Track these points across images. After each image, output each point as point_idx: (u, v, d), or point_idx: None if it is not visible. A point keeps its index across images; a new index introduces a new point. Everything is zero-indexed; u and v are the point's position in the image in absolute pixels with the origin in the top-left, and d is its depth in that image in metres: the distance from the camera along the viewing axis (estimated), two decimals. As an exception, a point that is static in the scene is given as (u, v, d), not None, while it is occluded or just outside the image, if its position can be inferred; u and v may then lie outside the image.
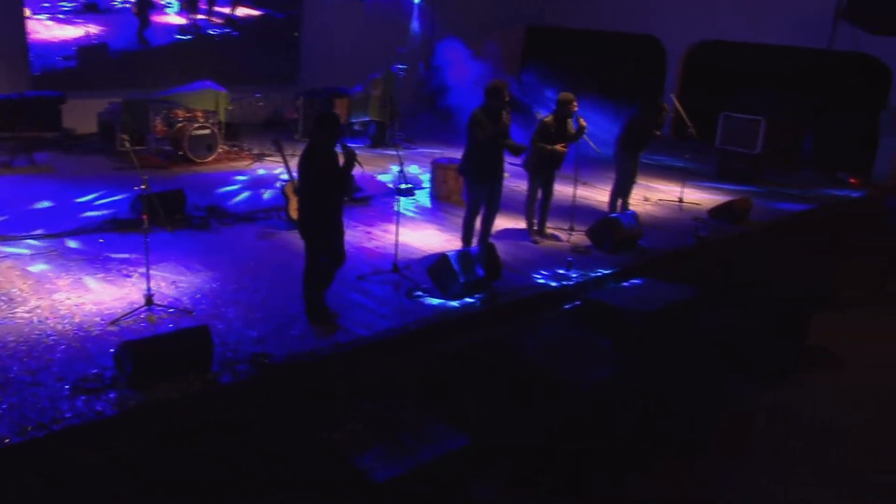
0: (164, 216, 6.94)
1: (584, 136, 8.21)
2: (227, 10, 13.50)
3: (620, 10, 16.12)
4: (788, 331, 8.33)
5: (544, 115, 8.14)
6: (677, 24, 15.41)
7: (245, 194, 9.48)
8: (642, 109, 9.16)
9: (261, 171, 10.71)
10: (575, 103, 7.99)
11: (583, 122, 8.03)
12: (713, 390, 7.27)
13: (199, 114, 11.04)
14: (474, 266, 6.54)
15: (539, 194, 8.37)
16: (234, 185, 9.91)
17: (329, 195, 5.71)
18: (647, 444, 6.62)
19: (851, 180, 12.83)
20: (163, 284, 6.32)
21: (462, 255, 6.59)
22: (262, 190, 9.62)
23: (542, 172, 8.20)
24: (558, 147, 7.96)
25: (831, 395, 8.27)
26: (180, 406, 4.49)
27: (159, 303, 5.86)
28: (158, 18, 12.86)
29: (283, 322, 5.73)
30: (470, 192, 7.56)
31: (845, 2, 11.44)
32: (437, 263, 6.53)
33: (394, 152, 8.60)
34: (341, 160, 5.77)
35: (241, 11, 13.66)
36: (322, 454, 4.68)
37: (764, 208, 10.41)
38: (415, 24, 15.82)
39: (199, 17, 13.22)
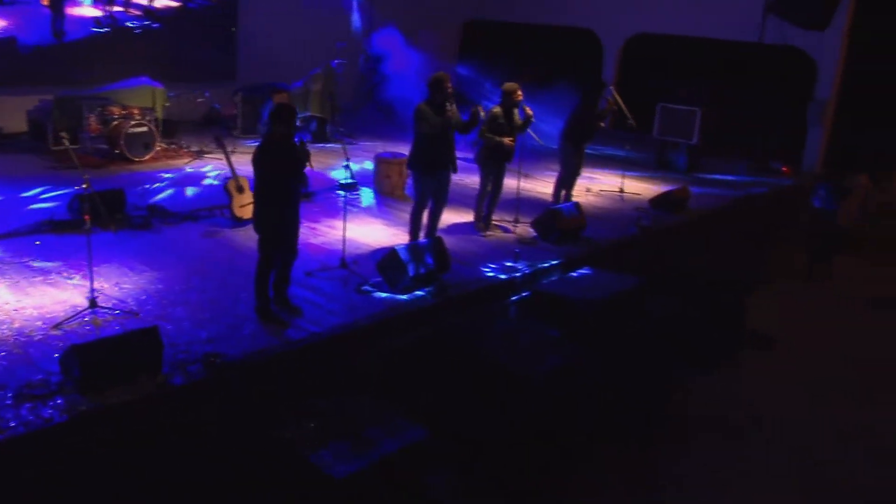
0: (107, 216, 6.77)
1: (534, 135, 8.31)
2: (144, 1, 12.88)
3: (558, 4, 16.31)
4: (727, 316, 8.59)
5: (488, 109, 8.20)
6: (613, 18, 15.69)
7: (192, 190, 9.31)
8: (584, 101, 9.30)
9: (208, 169, 10.53)
10: (520, 93, 8.07)
11: (529, 111, 8.11)
12: (660, 376, 7.44)
13: (136, 111, 10.78)
14: (423, 259, 6.57)
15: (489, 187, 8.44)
16: (173, 182, 9.70)
17: (286, 188, 5.67)
18: (598, 433, 6.77)
19: (784, 169, 13.27)
20: (106, 286, 6.18)
21: (410, 248, 6.62)
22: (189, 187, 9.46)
23: (494, 165, 8.26)
24: (506, 141, 8.03)
25: (769, 376, 8.57)
26: (133, 410, 4.40)
27: (103, 305, 5.73)
28: (72, 10, 12.13)
29: (233, 322, 5.66)
30: (417, 185, 7.59)
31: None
32: (385, 258, 6.54)
33: (335, 146, 8.54)
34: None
35: (161, 2, 13.08)
36: (278, 453, 4.65)
37: (701, 197, 10.69)
38: (354, 18, 15.73)
39: (116, 8, 12.59)
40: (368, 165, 10.65)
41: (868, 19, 13.82)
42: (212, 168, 10.51)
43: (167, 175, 10.08)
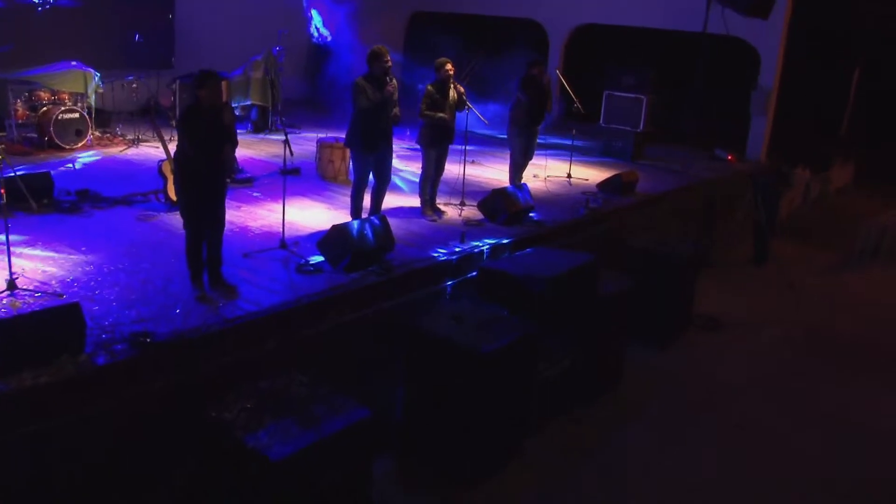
0: (29, 197, 6.39)
1: (471, 107, 8.13)
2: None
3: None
4: (676, 296, 8.57)
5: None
6: (558, 10, 15.65)
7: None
8: (525, 82, 9.19)
9: (144, 156, 10.12)
10: (449, 66, 7.87)
11: (460, 88, 7.95)
12: (614, 352, 7.37)
13: (66, 96, 10.34)
14: (365, 237, 6.34)
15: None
16: (107, 170, 9.29)
17: (210, 156, 5.42)
18: (551, 409, 6.67)
19: (729, 158, 13.38)
20: (27, 268, 5.80)
21: (351, 226, 6.38)
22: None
23: (436, 145, 8.06)
24: (445, 116, 7.84)
25: (720, 356, 8.65)
26: (51, 392, 4.09)
27: (24, 287, 5.37)
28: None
29: (164, 302, 5.36)
30: (356, 163, 7.37)
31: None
32: (326, 236, 6.30)
33: (277, 137, 8.24)
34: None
35: None
36: (212, 435, 4.39)
37: (648, 182, 10.67)
38: (297, 7, 15.39)
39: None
40: (306, 152, 10.38)
41: (806, 10, 14.07)
42: (148, 156, 10.11)
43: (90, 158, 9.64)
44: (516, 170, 9.51)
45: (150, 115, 8.58)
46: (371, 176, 7.51)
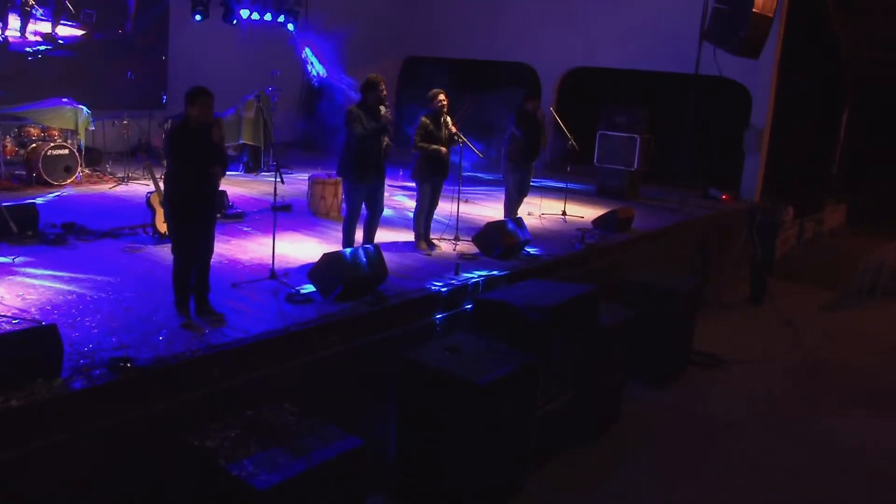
0: (10, 221, 6.21)
1: (465, 140, 8.03)
2: (47, 28, 11.67)
3: (495, 41, 16.38)
4: (676, 331, 8.39)
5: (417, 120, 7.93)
6: (550, 54, 15.78)
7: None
8: (518, 118, 9.15)
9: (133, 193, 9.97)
10: (442, 96, 7.79)
11: (452, 127, 7.85)
12: (614, 386, 7.15)
13: (56, 132, 10.22)
14: (358, 267, 6.16)
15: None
16: (95, 206, 9.12)
17: (198, 175, 5.27)
18: (551, 442, 6.44)
19: (724, 197, 13.34)
20: (7, 297, 5.59)
21: (343, 255, 6.21)
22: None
23: (431, 179, 7.94)
24: (441, 149, 7.75)
25: (721, 393, 8.46)
26: (23, 416, 3.85)
27: (1, 314, 5.16)
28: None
29: (148, 329, 5.14)
30: (349, 193, 7.24)
31: (707, 24, 11.95)
32: (317, 265, 6.12)
33: (270, 178, 8.11)
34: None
35: (64, 31, 11.97)
36: (193, 463, 4.15)
37: (644, 221, 10.57)
38: (290, 48, 15.45)
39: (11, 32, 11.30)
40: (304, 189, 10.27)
41: (796, 51, 14.22)
42: (137, 194, 9.95)
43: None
44: (511, 205, 9.41)
45: (141, 151, 8.44)
46: (364, 207, 7.37)
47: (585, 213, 10.78)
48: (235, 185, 10.81)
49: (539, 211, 10.56)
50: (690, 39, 12.91)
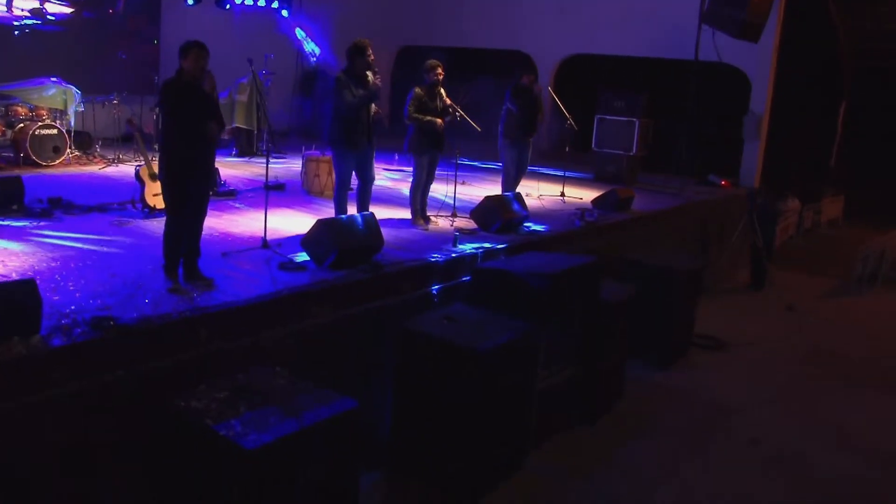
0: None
1: (462, 114, 7.84)
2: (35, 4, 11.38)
3: (490, 30, 16.19)
4: (677, 311, 8.21)
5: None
6: (546, 42, 15.60)
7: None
8: (514, 93, 8.98)
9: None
10: (440, 70, 7.62)
11: (447, 99, 7.68)
12: (616, 366, 6.96)
13: (44, 112, 9.99)
14: (353, 235, 5.95)
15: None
16: (83, 184, 8.90)
17: (193, 131, 5.08)
18: (551, 423, 6.25)
19: (723, 183, 13.17)
20: (-12, 263, 5.39)
21: (338, 221, 6.01)
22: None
23: (428, 151, 7.74)
24: (437, 121, 7.56)
25: (724, 374, 8.28)
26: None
27: (-19, 278, 4.96)
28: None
29: (134, 293, 4.92)
30: (339, 162, 7.04)
31: (707, 6, 11.79)
32: (311, 232, 5.92)
33: (263, 161, 7.92)
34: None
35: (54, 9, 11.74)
36: (178, 425, 3.94)
37: (644, 204, 10.39)
38: (284, 36, 15.25)
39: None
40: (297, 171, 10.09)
41: (794, 41, 14.08)
42: (128, 174, 9.73)
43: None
44: (509, 183, 9.23)
45: (130, 124, 8.22)
46: (354, 178, 7.18)
47: (584, 195, 10.60)
48: (228, 167, 10.59)
49: (537, 192, 10.37)
50: (689, 25, 12.73)
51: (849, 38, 17.44)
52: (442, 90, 7.76)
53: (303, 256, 5.98)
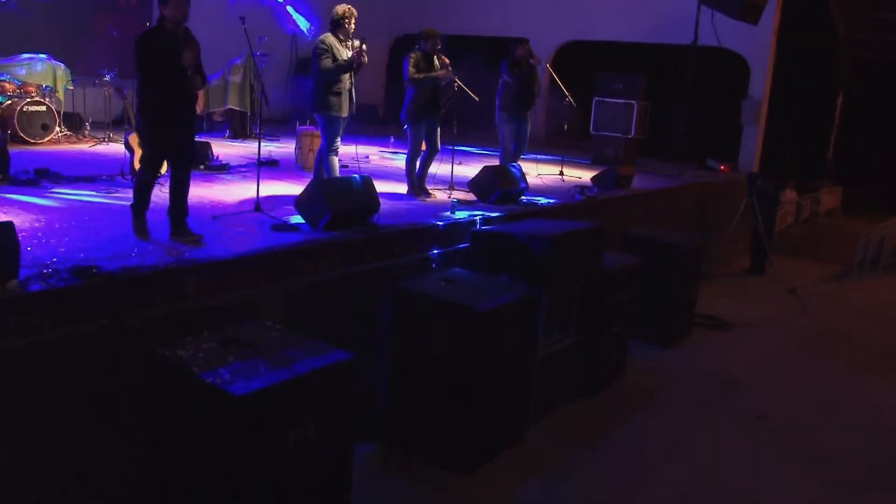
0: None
1: (460, 84, 7.66)
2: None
3: (487, 16, 16.04)
4: (680, 288, 8.04)
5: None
6: (544, 28, 15.44)
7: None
8: (510, 65, 8.82)
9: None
10: (438, 39, 7.49)
11: (445, 59, 7.53)
12: (619, 339, 6.78)
13: (32, 88, 9.77)
14: (347, 194, 5.76)
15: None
16: (72, 159, 8.69)
17: (172, 80, 4.87)
18: (552, 393, 6.06)
19: (722, 168, 13.03)
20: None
21: (332, 182, 5.83)
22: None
23: (425, 118, 7.55)
24: (439, 74, 7.39)
25: (728, 352, 8.12)
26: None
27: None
28: None
29: (120, 249, 4.71)
30: (328, 127, 6.90)
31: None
32: (304, 193, 5.73)
33: (254, 143, 7.78)
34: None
35: None
36: (164, 375, 3.74)
37: (643, 184, 10.22)
38: (281, 21, 15.06)
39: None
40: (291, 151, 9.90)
41: (793, 28, 13.95)
42: (118, 151, 9.52)
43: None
44: (507, 158, 9.04)
45: (119, 92, 8.02)
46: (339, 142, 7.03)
47: (583, 174, 10.44)
48: (221, 147, 10.39)
49: (536, 172, 10.20)
50: (688, 9, 12.61)
51: (846, 28, 17.33)
52: (437, 61, 7.58)
53: (297, 219, 5.79)
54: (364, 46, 6.77)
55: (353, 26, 6.84)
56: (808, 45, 15.53)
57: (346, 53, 6.78)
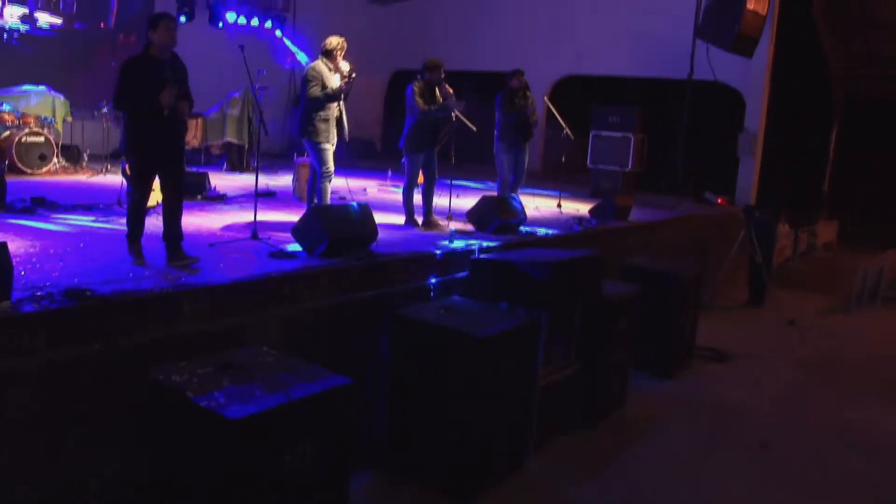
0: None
1: (458, 114, 7.69)
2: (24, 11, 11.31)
3: (482, 52, 16.20)
4: (680, 318, 7.97)
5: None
6: (539, 63, 15.57)
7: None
8: (504, 99, 8.86)
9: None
10: (443, 71, 7.52)
11: (449, 89, 7.56)
12: (619, 369, 6.70)
13: (31, 119, 9.80)
14: (344, 222, 5.72)
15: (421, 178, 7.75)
16: (70, 189, 8.68)
17: (157, 102, 4.88)
18: (552, 424, 5.97)
19: (719, 200, 13.05)
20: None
21: (330, 209, 5.79)
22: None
23: (424, 149, 7.56)
24: (444, 105, 7.42)
25: (729, 383, 8.04)
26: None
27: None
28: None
29: (115, 274, 4.66)
30: (320, 154, 6.93)
31: (701, 20, 11.79)
32: (302, 220, 5.70)
33: (252, 176, 7.80)
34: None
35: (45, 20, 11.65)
36: (158, 399, 3.67)
37: (641, 216, 10.22)
38: (278, 58, 15.19)
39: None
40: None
41: (787, 61, 14.11)
42: (116, 182, 9.52)
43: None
44: (505, 189, 9.04)
45: (118, 120, 8.05)
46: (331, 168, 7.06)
47: (581, 207, 10.44)
48: (218, 179, 10.39)
49: (534, 204, 10.20)
50: (683, 43, 12.76)
51: (838, 61, 17.50)
52: (438, 92, 7.62)
53: (294, 247, 5.75)
54: (353, 74, 6.83)
55: (342, 57, 6.90)
56: (801, 78, 15.68)
57: (334, 82, 6.82)
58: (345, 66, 6.90)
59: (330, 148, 6.88)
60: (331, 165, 6.91)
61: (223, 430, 3.36)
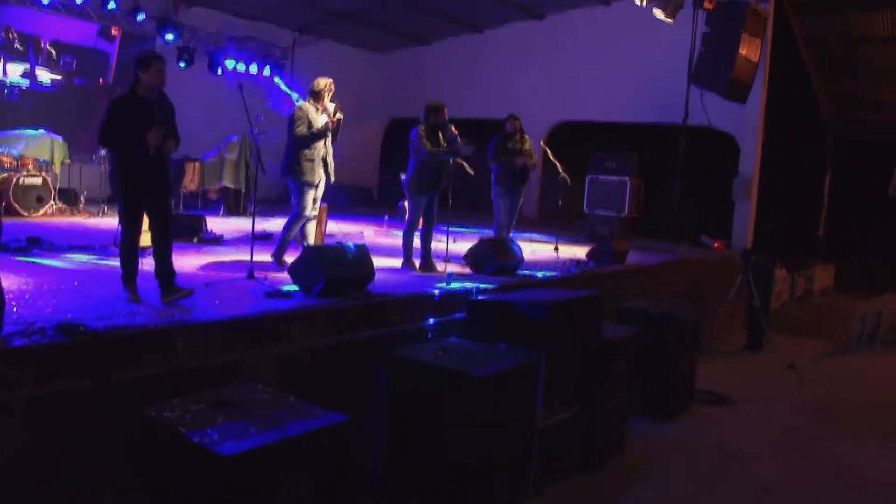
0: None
1: (459, 158, 7.73)
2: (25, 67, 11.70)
3: (478, 99, 16.35)
4: (679, 361, 7.91)
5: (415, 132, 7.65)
6: (535, 110, 15.71)
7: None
8: (497, 147, 8.92)
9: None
10: (446, 113, 7.57)
11: (454, 130, 7.59)
12: (618, 412, 6.61)
13: (29, 162, 9.83)
14: (341, 262, 5.69)
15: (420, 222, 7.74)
16: (66, 230, 8.66)
17: (144, 140, 4.90)
18: (551, 468, 5.86)
19: (715, 244, 13.07)
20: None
21: (327, 249, 5.77)
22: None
23: (427, 191, 7.57)
24: (459, 145, 7.45)
25: (729, 426, 7.93)
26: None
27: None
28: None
29: (109, 311, 4.62)
30: (301, 195, 7.01)
31: (695, 66, 11.95)
32: (298, 259, 5.66)
33: (248, 220, 7.83)
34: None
35: (46, 76, 12.03)
36: (148, 433, 3.59)
37: (638, 260, 10.22)
38: (276, 103, 15.31)
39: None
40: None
41: (780, 107, 14.28)
42: (112, 224, 9.51)
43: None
44: (500, 231, 9.03)
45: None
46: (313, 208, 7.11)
47: (578, 252, 10.43)
48: (214, 223, 10.39)
49: (531, 248, 10.19)
50: (678, 90, 12.92)
51: (830, 106, 17.73)
52: (441, 134, 7.66)
53: (291, 288, 5.71)
54: (340, 115, 6.90)
55: (329, 98, 7.01)
56: (795, 122, 15.86)
57: (321, 121, 6.88)
58: (331, 107, 6.96)
59: (312, 190, 6.92)
60: (308, 207, 6.97)
61: (217, 467, 3.28)
